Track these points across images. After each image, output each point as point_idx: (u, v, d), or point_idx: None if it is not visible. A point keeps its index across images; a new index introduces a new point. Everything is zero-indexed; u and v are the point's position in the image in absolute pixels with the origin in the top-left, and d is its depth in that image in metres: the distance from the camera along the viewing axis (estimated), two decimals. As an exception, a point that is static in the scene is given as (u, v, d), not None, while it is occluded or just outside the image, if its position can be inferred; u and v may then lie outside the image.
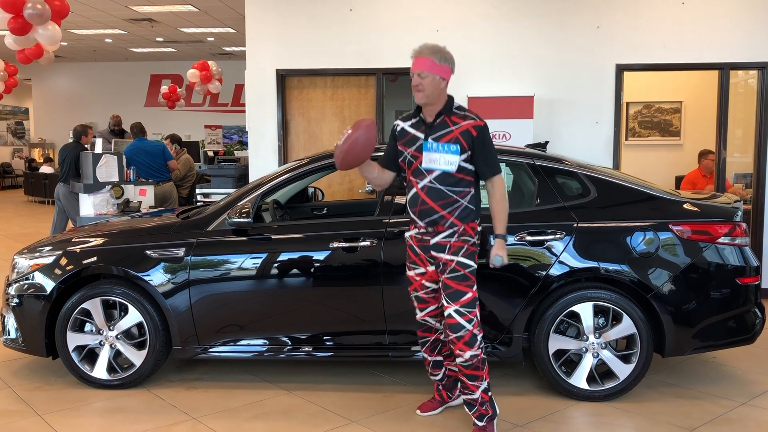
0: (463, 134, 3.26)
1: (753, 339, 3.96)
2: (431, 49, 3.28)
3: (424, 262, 3.40)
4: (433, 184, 3.29)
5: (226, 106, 19.10)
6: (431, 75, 3.24)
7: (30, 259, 4.27)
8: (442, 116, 3.31)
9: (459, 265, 3.28)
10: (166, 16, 12.71)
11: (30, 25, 7.21)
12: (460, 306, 3.27)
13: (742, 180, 7.29)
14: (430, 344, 3.59)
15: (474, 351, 3.28)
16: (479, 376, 3.34)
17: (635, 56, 6.24)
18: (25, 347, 4.22)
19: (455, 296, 3.28)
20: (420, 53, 3.28)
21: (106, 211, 6.52)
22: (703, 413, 3.74)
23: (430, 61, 3.25)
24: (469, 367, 3.31)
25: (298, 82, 6.66)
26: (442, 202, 3.28)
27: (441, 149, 3.26)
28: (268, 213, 4.34)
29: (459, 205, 3.29)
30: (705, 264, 3.82)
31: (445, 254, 3.30)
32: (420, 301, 3.50)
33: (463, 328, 3.26)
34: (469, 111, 3.36)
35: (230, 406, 3.89)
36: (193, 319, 4.02)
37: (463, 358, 3.29)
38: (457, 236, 3.29)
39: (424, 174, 3.31)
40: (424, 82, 3.25)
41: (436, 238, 3.32)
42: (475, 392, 3.37)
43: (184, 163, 9.16)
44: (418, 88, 3.26)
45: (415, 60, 3.29)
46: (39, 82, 20.18)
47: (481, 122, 3.30)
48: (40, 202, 16.78)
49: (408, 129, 3.42)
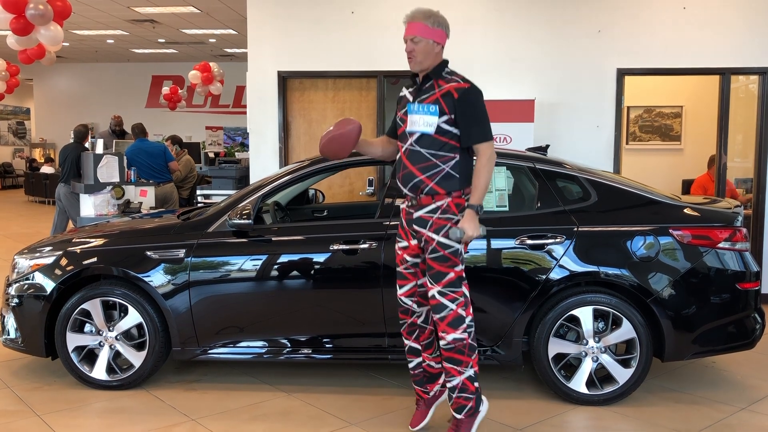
0: (444, 96, 3.12)
1: (753, 344, 3.96)
2: (424, 14, 3.15)
3: (408, 235, 3.29)
4: (414, 147, 3.17)
5: (228, 108, 19.12)
6: (425, 40, 3.13)
7: (30, 259, 4.28)
8: (431, 80, 3.19)
9: (440, 245, 3.14)
10: (168, 17, 12.73)
11: (32, 25, 7.23)
12: (442, 287, 3.14)
13: (742, 185, 7.29)
14: (407, 327, 3.42)
15: (457, 334, 3.14)
16: (462, 361, 3.17)
17: (636, 60, 6.25)
18: (25, 347, 4.22)
19: (437, 277, 3.15)
20: (413, 18, 3.16)
21: (106, 212, 6.53)
22: (703, 418, 3.74)
23: (422, 25, 3.13)
24: (450, 350, 3.16)
25: (300, 84, 6.67)
26: (421, 166, 3.15)
27: (421, 110, 3.14)
28: (269, 215, 4.35)
29: (440, 170, 3.15)
30: (705, 269, 3.82)
31: (427, 230, 3.17)
32: (400, 277, 3.37)
33: (446, 308, 3.14)
34: (457, 75, 3.20)
35: (229, 407, 3.89)
36: (192, 320, 4.02)
37: (445, 340, 3.16)
38: (440, 212, 3.15)
39: (407, 137, 3.21)
40: (417, 47, 3.13)
41: (420, 211, 3.20)
42: (455, 377, 3.19)
43: (184, 164, 9.17)
44: (411, 54, 3.15)
45: (407, 25, 3.16)
46: (40, 83, 20.20)
47: (465, 84, 3.15)
48: (40, 202, 16.79)
49: (405, 93, 3.33)
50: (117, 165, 6.69)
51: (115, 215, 6.44)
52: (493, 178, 4.12)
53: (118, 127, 9.54)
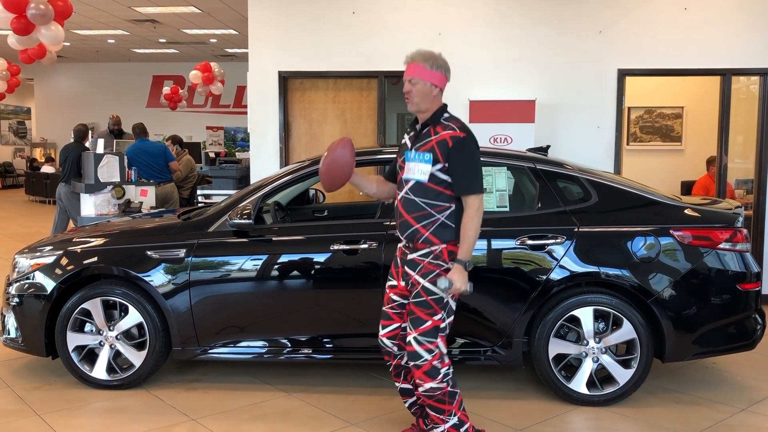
0: (439, 144, 3.04)
1: (753, 345, 3.96)
2: (423, 55, 3.11)
3: (399, 275, 3.21)
4: (408, 195, 3.10)
5: (228, 108, 19.12)
6: (422, 81, 3.07)
7: (31, 258, 4.28)
8: (428, 126, 3.13)
9: (424, 290, 3.05)
10: (169, 17, 12.73)
11: (33, 25, 7.23)
12: (418, 334, 3.03)
13: (743, 186, 7.29)
14: (393, 369, 3.32)
15: (435, 383, 3.04)
16: (444, 410, 3.09)
17: (637, 61, 6.25)
18: (25, 347, 4.22)
19: (415, 323, 3.06)
20: (412, 59, 3.12)
21: (107, 212, 6.53)
22: (703, 419, 3.74)
23: (421, 67, 3.08)
24: (431, 399, 3.08)
25: (300, 84, 6.67)
26: (415, 215, 3.07)
27: (417, 158, 3.08)
28: (269, 215, 4.35)
29: (434, 219, 3.06)
30: (705, 269, 3.82)
31: (415, 273, 3.08)
32: (384, 317, 3.27)
33: (420, 357, 3.04)
34: (455, 122, 3.12)
35: (229, 407, 3.89)
36: (193, 320, 4.02)
37: (423, 388, 3.06)
38: (432, 257, 3.06)
39: (403, 185, 3.14)
40: (415, 89, 3.08)
41: (414, 254, 3.11)
42: (440, 425, 3.12)
43: (185, 164, 9.17)
44: (409, 95, 3.11)
45: (407, 66, 3.13)
46: (41, 82, 20.21)
47: (461, 133, 3.06)
48: (41, 202, 16.80)
49: (405, 139, 3.27)
50: (117, 165, 6.70)
51: (115, 215, 6.44)
52: (493, 178, 4.12)
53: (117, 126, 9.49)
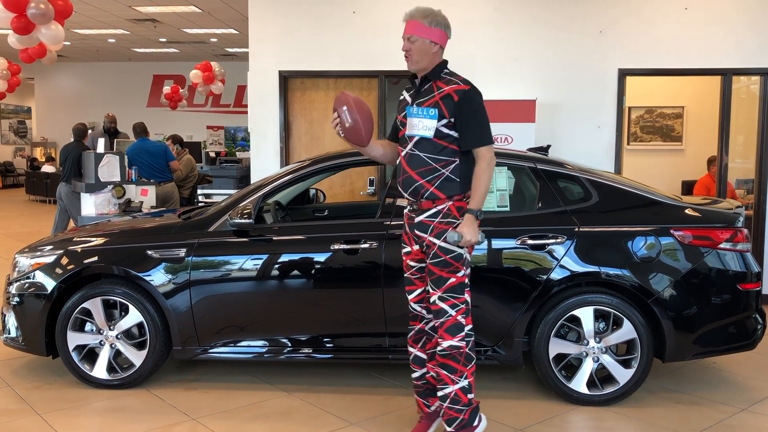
0: (443, 99, 3.04)
1: (753, 345, 3.96)
2: (422, 12, 3.08)
3: (411, 240, 3.21)
4: (413, 151, 3.10)
5: (229, 107, 19.13)
6: (421, 39, 3.05)
7: (31, 258, 4.28)
8: (429, 82, 3.12)
9: (441, 250, 3.07)
10: (169, 16, 12.73)
11: (33, 24, 7.23)
12: (443, 292, 3.08)
13: (743, 186, 7.28)
14: (414, 334, 3.34)
15: (454, 342, 3.07)
16: (457, 370, 3.08)
17: (638, 61, 6.25)
18: (26, 346, 4.22)
19: (438, 282, 3.09)
20: (410, 17, 3.09)
21: (107, 211, 6.53)
22: (703, 419, 3.74)
23: (419, 24, 3.05)
24: (445, 357, 3.09)
25: (301, 84, 6.67)
26: (421, 170, 3.08)
27: (420, 114, 3.06)
28: (270, 214, 4.35)
29: (439, 174, 3.07)
30: (706, 269, 3.82)
31: (428, 235, 3.09)
32: (408, 283, 3.30)
33: (446, 313, 3.08)
34: (456, 76, 3.12)
35: (230, 406, 3.89)
36: (193, 319, 4.02)
37: (441, 346, 3.09)
38: (442, 216, 3.08)
39: (407, 141, 3.14)
40: (414, 46, 3.06)
41: (421, 216, 3.12)
42: (448, 385, 3.10)
43: (185, 163, 9.17)
44: (408, 54, 3.08)
45: (405, 24, 3.10)
46: (42, 82, 20.21)
47: (465, 86, 3.06)
48: (41, 202, 16.80)
49: (404, 95, 3.25)
50: (118, 164, 6.70)
51: (116, 214, 6.45)
52: (494, 178, 4.12)
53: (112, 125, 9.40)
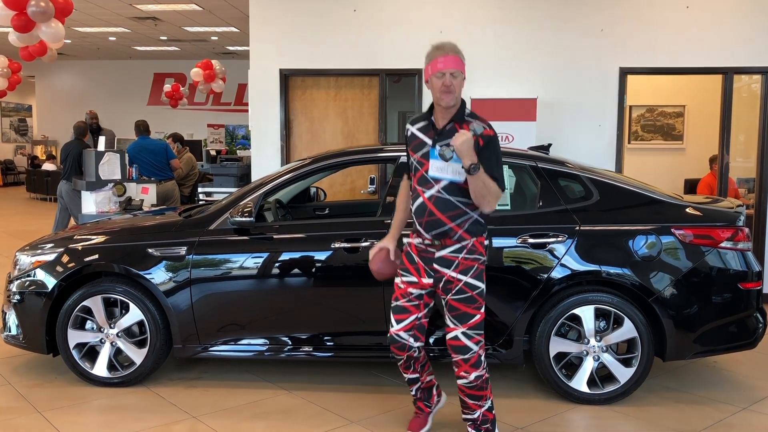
0: None
1: (754, 344, 3.95)
2: (454, 47, 3.06)
3: (420, 272, 3.18)
4: (441, 194, 3.07)
5: (229, 106, 19.12)
6: (461, 74, 3.05)
7: (32, 256, 4.28)
8: (452, 123, 3.09)
9: (467, 286, 3.08)
10: (170, 14, 12.72)
11: (33, 22, 7.23)
12: (468, 329, 3.09)
13: (744, 185, 7.28)
14: (404, 362, 3.31)
15: (479, 372, 3.14)
16: (483, 396, 3.21)
17: (639, 60, 6.24)
18: (26, 344, 4.22)
19: (463, 318, 3.09)
20: (446, 51, 3.04)
21: (108, 209, 6.53)
22: (704, 418, 3.74)
23: (459, 59, 3.04)
24: (473, 388, 3.17)
25: (302, 82, 6.66)
26: (451, 214, 3.06)
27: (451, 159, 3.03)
28: (270, 212, 4.35)
29: (469, 217, 3.09)
30: (707, 268, 3.82)
31: (451, 271, 3.09)
32: (398, 311, 3.23)
33: (470, 350, 3.10)
34: (479, 118, 3.13)
35: (230, 405, 3.89)
36: (194, 317, 4.02)
37: (467, 379, 3.14)
38: (466, 252, 3.09)
39: (432, 183, 3.08)
40: (456, 81, 3.02)
41: (443, 251, 3.11)
42: (476, 411, 3.23)
43: (186, 161, 9.17)
44: (450, 89, 3.02)
45: (444, 58, 3.02)
46: (42, 80, 20.21)
47: (491, 131, 3.07)
48: (42, 200, 16.80)
49: (416, 133, 3.20)
50: (118, 162, 6.70)
51: (116, 212, 6.44)
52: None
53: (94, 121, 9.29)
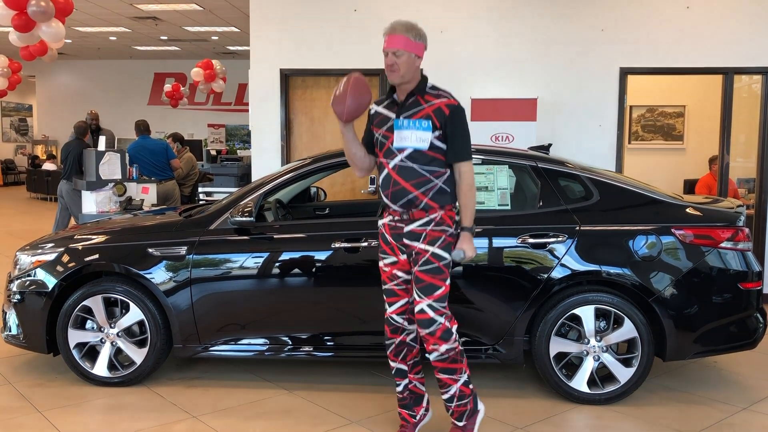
0: (435, 112, 3.10)
1: (754, 344, 3.95)
2: (405, 26, 3.11)
3: (395, 250, 3.20)
4: (405, 163, 3.12)
5: (230, 105, 19.13)
6: (407, 53, 3.08)
7: (32, 255, 4.28)
8: (414, 96, 3.16)
9: (434, 256, 3.10)
10: (171, 14, 12.73)
11: (33, 22, 7.23)
12: (433, 301, 3.09)
13: (744, 185, 7.28)
14: (395, 347, 3.31)
15: (450, 345, 3.12)
16: (457, 369, 3.16)
17: (639, 60, 6.24)
18: (26, 344, 4.23)
19: (428, 290, 3.09)
20: (394, 30, 3.11)
21: (108, 209, 6.53)
22: (704, 418, 3.74)
23: (404, 38, 3.09)
24: (445, 361, 3.14)
25: (302, 82, 6.66)
26: (414, 182, 3.10)
27: (412, 126, 3.10)
28: (271, 212, 4.34)
29: (433, 185, 3.12)
30: (707, 268, 3.82)
31: (420, 243, 3.11)
32: (389, 294, 3.26)
33: (435, 322, 3.10)
34: (443, 90, 3.19)
35: (230, 404, 3.89)
36: (194, 317, 4.02)
37: (438, 352, 3.12)
38: (434, 224, 3.11)
39: (396, 153, 3.14)
40: (399, 60, 3.08)
41: (411, 225, 3.14)
42: (452, 386, 3.19)
43: (186, 161, 9.18)
44: (393, 68, 3.09)
45: (388, 38, 3.11)
46: (43, 79, 20.22)
47: (455, 101, 3.15)
48: (42, 199, 16.81)
49: (380, 110, 3.27)
50: (119, 162, 6.70)
51: (116, 212, 6.45)
52: (495, 176, 4.13)
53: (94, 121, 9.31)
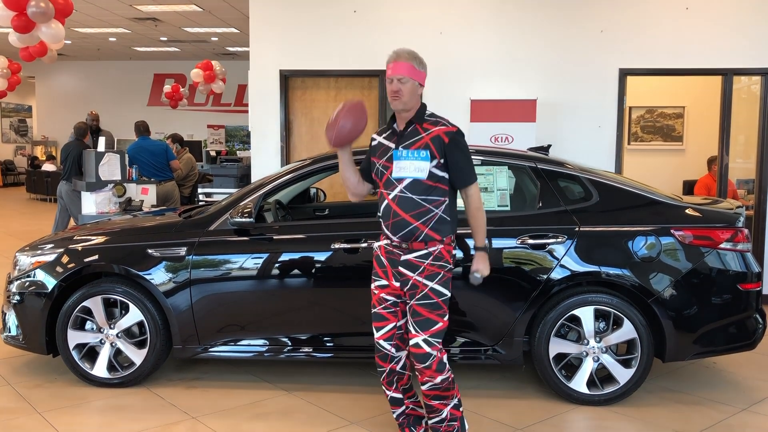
0: (433, 140, 3.08)
1: (754, 345, 3.95)
2: (410, 54, 3.14)
3: (389, 275, 3.15)
4: (404, 194, 3.07)
5: (229, 106, 19.12)
6: (411, 80, 3.11)
7: (32, 256, 4.28)
8: (413, 125, 3.15)
9: (433, 292, 3.05)
10: (171, 15, 12.73)
11: (33, 23, 7.23)
12: (429, 336, 3.04)
13: (744, 186, 7.28)
14: (387, 376, 3.25)
15: (444, 375, 3.08)
16: (448, 396, 3.14)
17: (639, 61, 6.25)
18: (26, 345, 4.22)
19: (425, 325, 3.04)
20: (399, 57, 3.13)
21: (108, 210, 6.54)
22: (703, 419, 3.74)
23: (410, 65, 3.11)
24: (439, 389, 3.10)
25: (302, 83, 6.67)
26: (414, 213, 3.05)
27: (410, 156, 3.07)
28: (270, 213, 4.34)
29: (433, 215, 3.07)
30: (706, 269, 3.82)
31: (416, 275, 3.06)
32: (378, 318, 3.20)
33: (430, 356, 3.04)
34: (441, 117, 3.19)
35: (230, 405, 3.89)
36: (193, 318, 4.02)
37: (433, 383, 3.08)
38: (433, 259, 3.07)
39: (395, 184, 3.10)
40: (404, 87, 3.10)
41: (409, 255, 3.09)
42: (442, 411, 3.15)
43: (186, 162, 9.17)
44: (398, 95, 3.11)
45: (393, 65, 3.14)
46: (42, 80, 20.22)
47: (453, 128, 3.13)
48: (42, 200, 16.81)
49: (381, 140, 3.27)
50: (118, 163, 6.70)
51: (116, 213, 6.45)
52: (494, 177, 4.13)
53: (95, 122, 9.32)
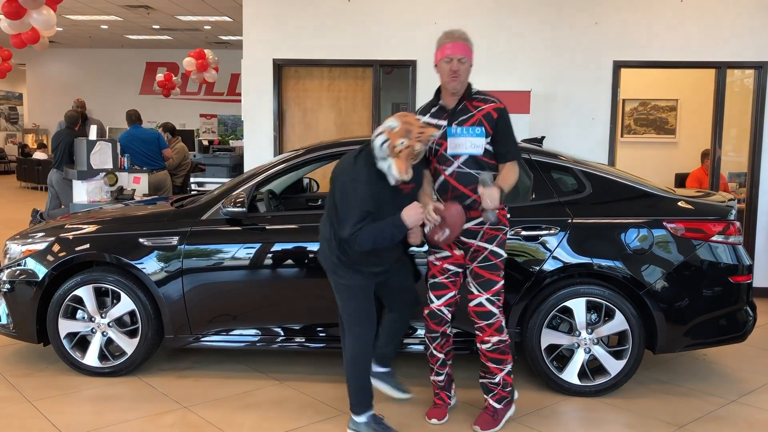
0: (485, 117, 3.26)
1: (744, 337, 3.98)
2: (465, 35, 3.28)
3: (451, 245, 3.36)
4: (462, 169, 3.26)
5: (222, 96, 19.00)
6: (468, 61, 3.26)
7: (22, 245, 4.25)
8: (463, 102, 3.31)
9: (492, 254, 3.30)
10: (163, 3, 12.63)
11: (24, 9, 7.16)
12: (491, 295, 3.30)
13: (736, 179, 7.31)
14: (439, 339, 3.48)
15: (503, 336, 3.33)
16: (504, 360, 3.38)
17: (633, 53, 6.24)
18: (16, 333, 4.21)
19: (487, 285, 3.30)
20: (458, 38, 3.25)
21: (99, 199, 6.50)
22: (693, 410, 3.76)
23: (467, 46, 3.26)
24: (495, 351, 3.35)
25: (295, 72, 6.63)
26: (472, 186, 3.24)
27: (465, 133, 3.25)
28: (263, 203, 4.33)
29: None
30: (698, 262, 3.84)
31: (477, 240, 3.29)
32: (438, 287, 3.41)
33: (494, 315, 3.30)
34: (488, 95, 3.35)
35: (221, 395, 3.89)
36: (185, 308, 4.01)
37: (490, 343, 3.33)
38: (490, 223, 3.27)
39: (451, 160, 3.28)
40: (463, 67, 3.23)
41: (469, 223, 3.28)
42: (497, 375, 3.41)
43: (178, 151, 9.14)
44: (456, 74, 3.23)
45: (453, 45, 3.24)
46: (33, 68, 20.03)
47: (502, 104, 3.31)
48: (33, 188, 16.71)
49: (429, 120, 3.37)
50: (110, 152, 6.66)
51: (108, 202, 6.41)
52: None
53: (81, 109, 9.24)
